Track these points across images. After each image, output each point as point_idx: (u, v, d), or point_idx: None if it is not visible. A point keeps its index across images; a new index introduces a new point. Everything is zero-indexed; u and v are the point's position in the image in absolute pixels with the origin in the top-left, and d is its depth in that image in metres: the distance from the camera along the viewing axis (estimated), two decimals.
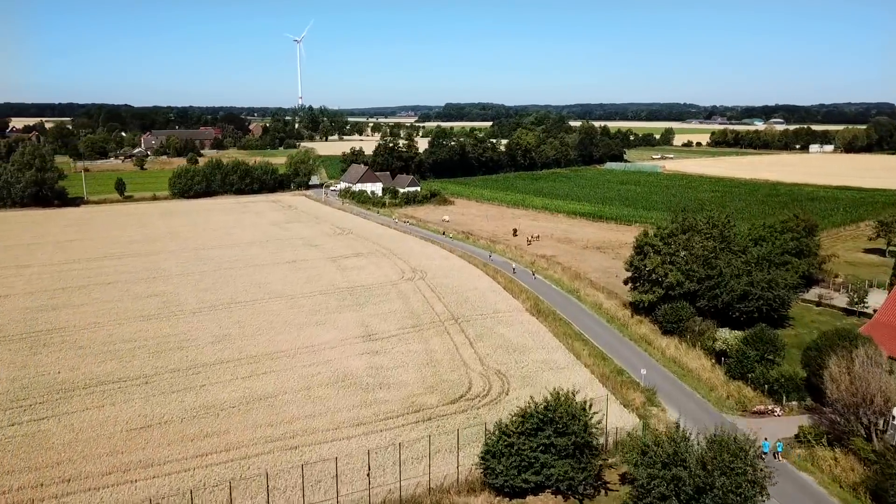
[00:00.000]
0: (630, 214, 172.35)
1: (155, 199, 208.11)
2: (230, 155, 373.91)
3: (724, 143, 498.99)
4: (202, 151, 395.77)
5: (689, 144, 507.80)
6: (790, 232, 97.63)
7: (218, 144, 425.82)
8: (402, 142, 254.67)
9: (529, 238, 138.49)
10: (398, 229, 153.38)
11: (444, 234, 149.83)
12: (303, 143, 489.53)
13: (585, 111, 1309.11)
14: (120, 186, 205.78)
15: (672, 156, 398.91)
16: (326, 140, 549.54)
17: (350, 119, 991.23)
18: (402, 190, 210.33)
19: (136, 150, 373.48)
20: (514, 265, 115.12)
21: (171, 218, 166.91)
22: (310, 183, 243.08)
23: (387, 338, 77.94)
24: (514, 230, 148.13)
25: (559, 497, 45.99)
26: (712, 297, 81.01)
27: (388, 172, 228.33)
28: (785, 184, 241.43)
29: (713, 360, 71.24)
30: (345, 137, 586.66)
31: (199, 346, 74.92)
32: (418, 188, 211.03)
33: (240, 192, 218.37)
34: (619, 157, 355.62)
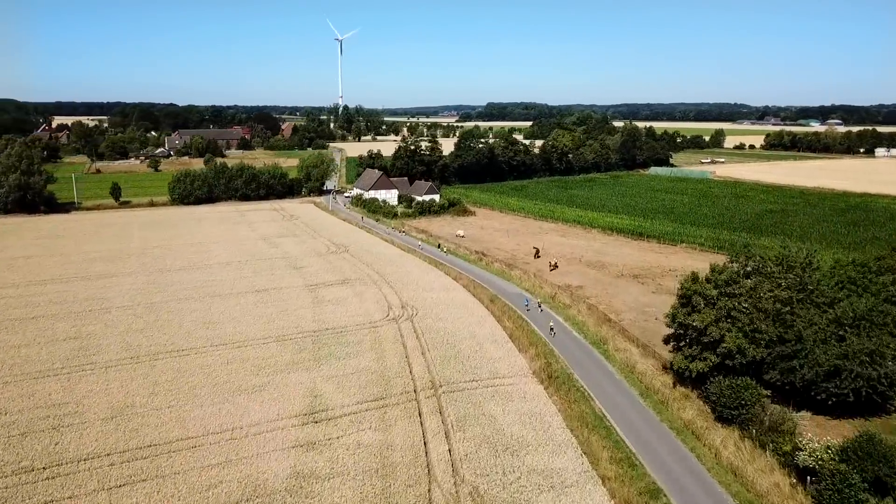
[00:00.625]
0: (675, 231, 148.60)
1: (152, 205, 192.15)
2: (254, 156, 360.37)
3: (779, 145, 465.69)
4: (226, 152, 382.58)
5: (741, 147, 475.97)
6: (890, 273, 73.57)
7: (245, 145, 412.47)
8: (424, 144, 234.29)
9: (551, 263, 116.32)
10: (403, 247, 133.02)
11: (439, 247, 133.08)
12: (333, 144, 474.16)
13: (631, 111, 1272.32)
14: (115, 191, 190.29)
15: (723, 159, 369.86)
16: (359, 140, 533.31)
17: (388, 119, 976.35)
18: (418, 198, 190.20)
19: (159, 151, 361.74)
20: (528, 298, 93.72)
21: (153, 229, 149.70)
22: (325, 188, 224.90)
23: (337, 418, 57.54)
24: (537, 251, 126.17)
25: None
26: (787, 370, 58.42)
27: (405, 178, 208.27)
28: (854, 194, 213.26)
29: (793, 477, 48.85)
30: (378, 138, 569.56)
31: (84, 426, 55.76)
32: (436, 196, 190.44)
33: (245, 198, 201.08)
34: (664, 161, 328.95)
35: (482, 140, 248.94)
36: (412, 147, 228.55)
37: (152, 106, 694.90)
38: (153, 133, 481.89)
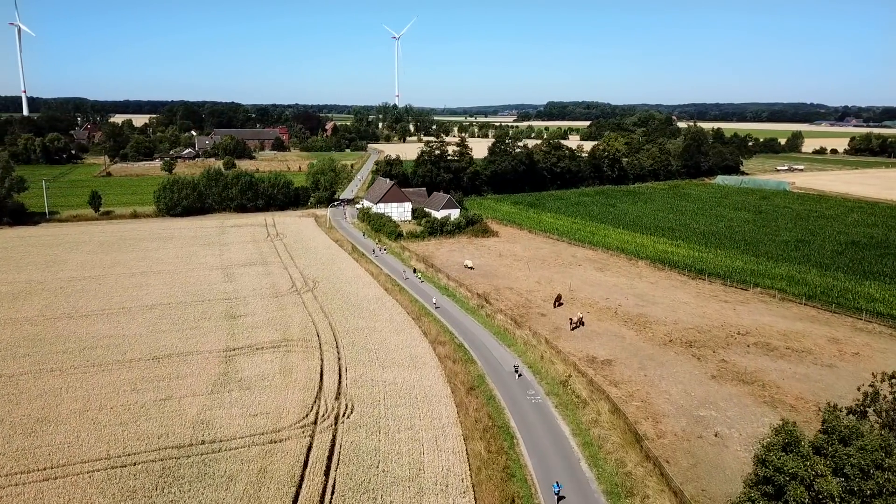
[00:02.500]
0: (746, 269, 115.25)
1: (135, 216, 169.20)
2: (285, 158, 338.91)
3: (866, 150, 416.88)
4: (258, 153, 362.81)
5: (821, 151, 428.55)
6: None
7: (279, 145, 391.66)
8: (451, 148, 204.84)
9: (573, 320, 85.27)
10: (388, 284, 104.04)
11: (415, 272, 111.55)
12: (374, 145, 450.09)
13: (699, 111, 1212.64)
14: (94, 201, 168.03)
15: (801, 166, 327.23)
16: (404, 141, 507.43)
17: (442, 119, 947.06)
18: (434, 214, 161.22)
19: (186, 151, 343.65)
20: (531, 395, 63.96)
21: (106, 251, 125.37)
22: (340, 197, 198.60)
23: None
24: (558, 298, 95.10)
25: None
26: None
27: (422, 189, 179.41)
28: None
29: None
30: (425, 138, 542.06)
31: None
32: (455, 212, 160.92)
33: (241, 209, 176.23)
34: (733, 169, 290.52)
35: (520, 143, 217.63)
36: (437, 152, 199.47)
37: (201, 104, 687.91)
38: (193, 132, 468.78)
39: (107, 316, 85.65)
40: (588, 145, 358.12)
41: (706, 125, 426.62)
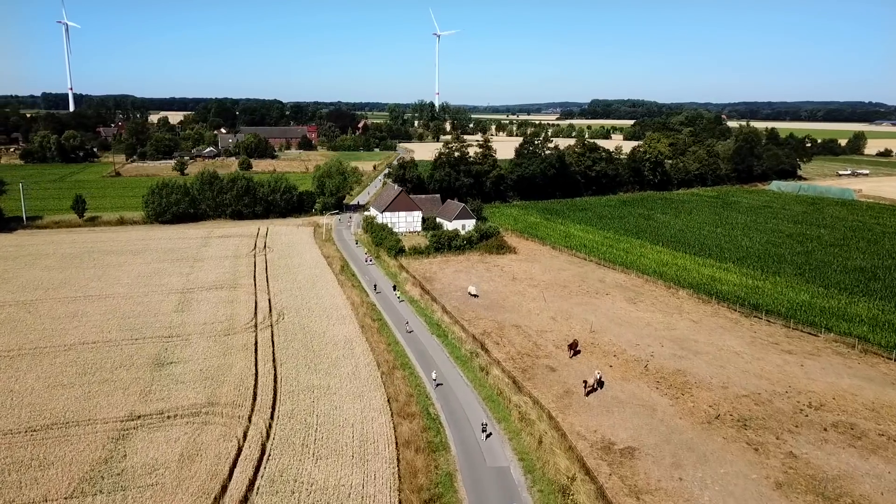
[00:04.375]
0: (814, 304, 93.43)
1: (121, 223, 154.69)
2: (308, 157, 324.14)
3: None
4: (283, 152, 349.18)
5: (886, 154, 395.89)
6: None
7: (306, 144, 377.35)
8: (472, 150, 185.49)
9: (588, 384, 65.30)
10: (368, 320, 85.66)
11: (395, 288, 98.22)
12: (404, 144, 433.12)
13: (750, 110, 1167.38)
14: (78, 205, 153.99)
15: (866, 170, 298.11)
16: (437, 140, 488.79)
17: (482, 116, 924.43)
18: (446, 224, 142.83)
19: (207, 150, 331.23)
20: None
21: (62, 267, 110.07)
22: (353, 202, 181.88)
23: None
24: (574, 345, 75.21)
25: None
26: None
27: (436, 196, 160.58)
28: None
29: None
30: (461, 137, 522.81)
31: None
32: (470, 222, 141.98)
33: (237, 215, 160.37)
34: (790, 173, 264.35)
35: (550, 144, 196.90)
36: (456, 153, 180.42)
37: (235, 102, 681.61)
38: (222, 130, 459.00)
39: (9, 359, 69.37)
40: (630, 146, 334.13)
41: (758, 125, 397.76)
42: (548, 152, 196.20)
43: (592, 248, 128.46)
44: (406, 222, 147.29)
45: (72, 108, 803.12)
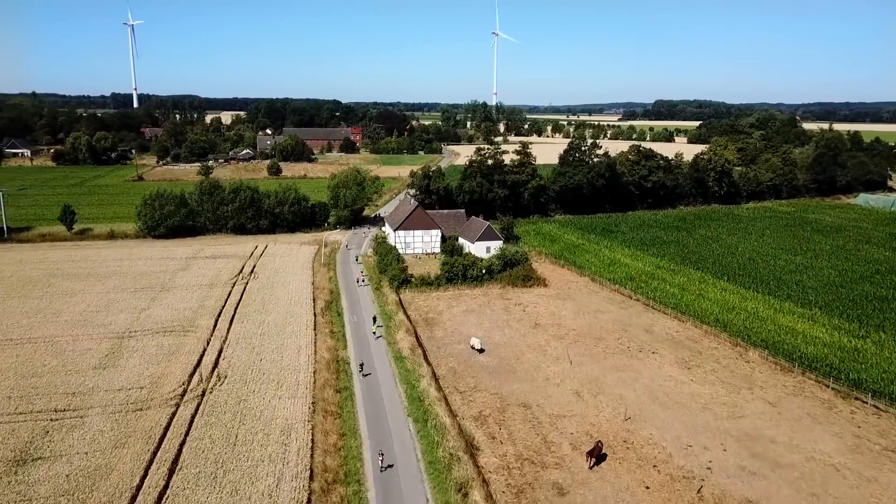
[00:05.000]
0: None
1: (111, 237, 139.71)
2: (347, 161, 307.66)
3: None
4: (324, 155, 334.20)
5: None
6: None
7: (348, 146, 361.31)
8: (509, 157, 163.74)
9: None
10: (321, 394, 65.62)
11: (374, 321, 79.79)
12: (451, 147, 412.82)
13: (826, 111, 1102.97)
14: (66, 216, 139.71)
15: None
16: (489, 143, 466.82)
17: (536, 116, 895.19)
18: (468, 246, 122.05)
19: (244, 153, 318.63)
20: None
21: (11, 295, 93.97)
22: (372, 216, 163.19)
23: None
24: (596, 451, 53.04)
25: None
26: None
27: (461, 211, 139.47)
28: None
29: None
30: (511, 139, 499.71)
31: None
32: (495, 244, 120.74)
33: (240, 230, 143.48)
34: (878, 184, 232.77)
35: (599, 151, 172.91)
36: (490, 161, 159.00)
37: (286, 101, 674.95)
38: (268, 131, 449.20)
39: None
40: (694, 149, 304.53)
41: (837, 127, 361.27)
42: (596, 160, 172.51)
43: (641, 281, 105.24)
44: (423, 242, 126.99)
45: (136, 107, 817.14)
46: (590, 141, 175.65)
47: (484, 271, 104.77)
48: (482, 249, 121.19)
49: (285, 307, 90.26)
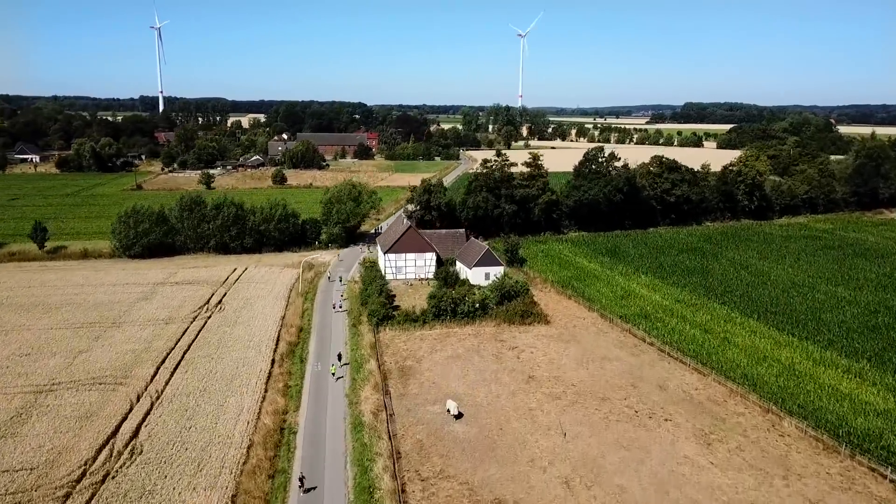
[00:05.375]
0: None
1: (85, 256, 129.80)
2: (358, 168, 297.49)
3: None
4: (332, 162, 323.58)
5: None
6: None
7: (363, 152, 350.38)
8: (518, 169, 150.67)
9: None
10: (248, 485, 53.51)
11: (340, 357, 69.31)
12: (469, 152, 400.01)
13: (861, 114, 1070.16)
14: (37, 234, 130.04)
15: None
16: (509, 147, 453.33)
17: (561, 118, 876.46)
18: (465, 272, 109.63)
19: (254, 159, 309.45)
20: None
21: None
22: (372, 232, 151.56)
23: None
24: None
25: None
26: None
27: (461, 231, 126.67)
28: None
29: None
30: (533, 144, 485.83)
31: None
32: (496, 270, 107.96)
33: (222, 248, 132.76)
34: None
35: (617, 163, 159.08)
36: (497, 174, 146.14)
37: (307, 104, 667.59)
38: (284, 135, 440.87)
39: None
40: (723, 156, 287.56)
41: (869, 130, 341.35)
42: (614, 172, 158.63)
43: (657, 318, 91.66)
44: (416, 267, 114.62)
45: (161, 111, 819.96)
46: (608, 151, 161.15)
47: (477, 306, 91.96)
48: (480, 276, 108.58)
49: (241, 351, 78.51)
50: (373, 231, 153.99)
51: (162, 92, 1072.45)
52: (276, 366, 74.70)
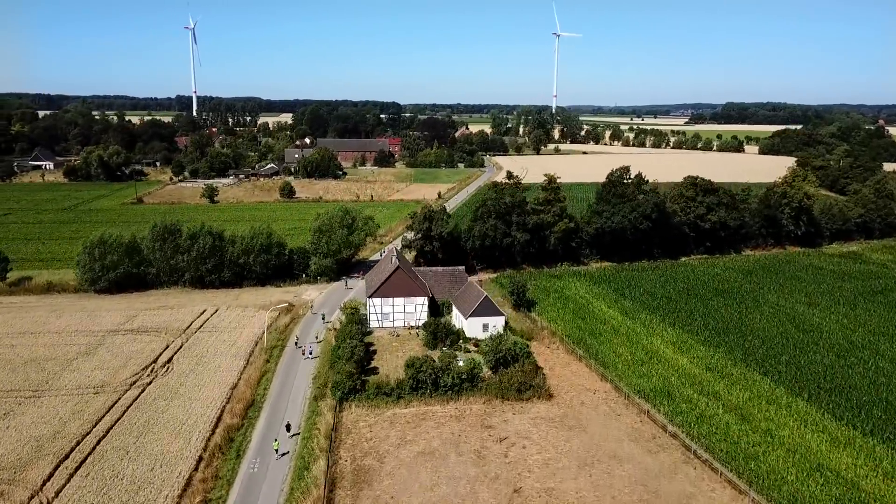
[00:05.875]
0: None
1: (49, 290, 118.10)
2: (375, 177, 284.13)
3: None
4: (350, 169, 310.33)
5: None
6: None
7: (383, 159, 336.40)
8: (534, 194, 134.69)
9: None
10: None
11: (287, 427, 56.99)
12: (498, 158, 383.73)
13: None
14: None
15: None
16: (538, 152, 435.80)
17: (593, 119, 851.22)
18: (459, 321, 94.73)
19: (267, 168, 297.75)
20: None
21: None
22: (370, 260, 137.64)
23: None
24: None
25: None
26: None
27: (461, 269, 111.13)
28: None
29: None
30: (562, 148, 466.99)
31: None
32: (495, 321, 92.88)
33: (198, 282, 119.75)
34: None
35: (646, 185, 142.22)
36: (507, 200, 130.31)
37: (334, 106, 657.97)
38: (306, 140, 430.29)
39: None
40: (765, 163, 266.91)
41: None
42: (641, 196, 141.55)
43: (683, 397, 75.25)
44: (404, 313, 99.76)
45: (195, 111, 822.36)
46: (634, 174, 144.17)
47: (464, 377, 76.63)
48: (477, 328, 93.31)
49: (166, 442, 64.46)
50: (372, 258, 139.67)
51: (195, 92, 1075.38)
52: (203, 465, 60.47)
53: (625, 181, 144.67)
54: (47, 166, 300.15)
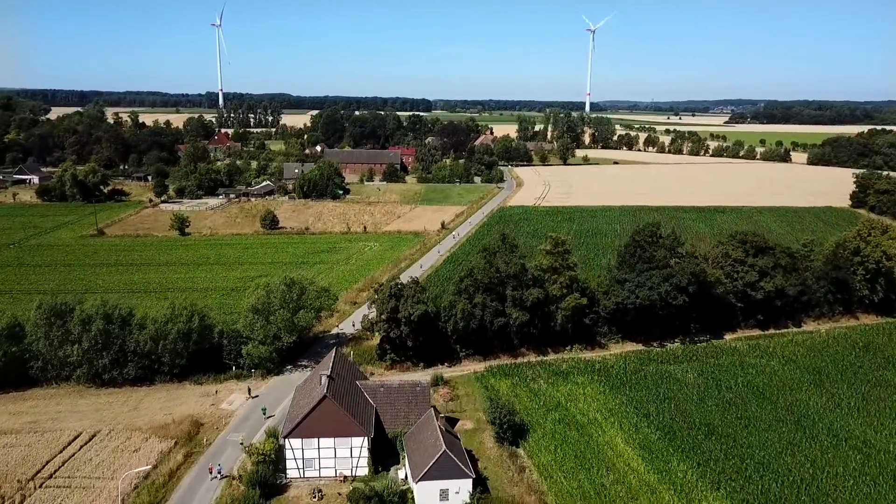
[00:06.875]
0: None
1: None
2: (381, 196, 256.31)
3: None
4: (355, 184, 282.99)
5: None
6: None
7: (392, 174, 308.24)
8: (536, 262, 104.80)
9: None
10: None
11: None
12: (520, 170, 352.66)
13: None
14: None
15: None
16: (565, 162, 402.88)
17: (628, 118, 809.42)
18: (409, 483, 65.48)
19: (262, 185, 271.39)
20: None
21: None
22: (332, 333, 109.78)
23: None
24: None
25: None
26: None
27: (425, 382, 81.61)
28: None
29: None
30: (591, 157, 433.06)
31: None
32: (463, 487, 64.02)
33: (95, 379, 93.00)
34: None
35: (681, 248, 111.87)
36: (501, 267, 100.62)
37: (353, 107, 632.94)
38: (318, 147, 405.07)
39: None
40: (815, 176, 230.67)
41: None
42: (675, 261, 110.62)
43: None
44: (335, 458, 71.26)
45: (221, 106, 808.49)
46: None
47: None
48: (431, 496, 64.41)
49: None
50: (333, 332, 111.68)
51: (221, 89, 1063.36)
52: None
53: (656, 236, 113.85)
54: (31, 181, 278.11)
